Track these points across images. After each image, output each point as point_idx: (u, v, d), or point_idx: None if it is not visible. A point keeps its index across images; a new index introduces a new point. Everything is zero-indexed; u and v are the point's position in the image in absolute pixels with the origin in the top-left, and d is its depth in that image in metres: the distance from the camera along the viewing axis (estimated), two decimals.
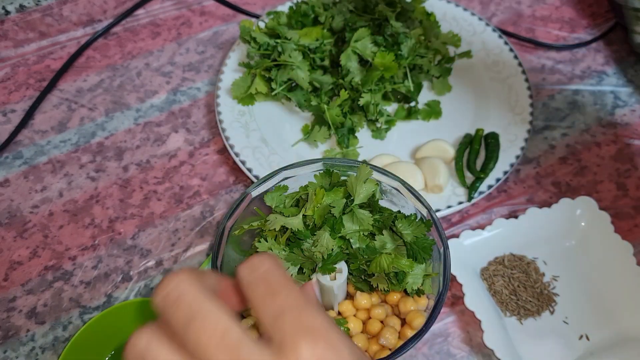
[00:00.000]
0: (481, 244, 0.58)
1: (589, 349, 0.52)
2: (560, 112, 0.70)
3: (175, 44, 0.78)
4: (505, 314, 0.55)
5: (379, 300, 0.48)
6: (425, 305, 0.47)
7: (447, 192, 0.61)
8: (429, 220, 0.46)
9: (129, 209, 0.63)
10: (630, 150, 0.67)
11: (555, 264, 0.58)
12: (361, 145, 0.65)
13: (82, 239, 0.61)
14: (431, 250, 0.45)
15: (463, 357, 0.53)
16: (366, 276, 0.47)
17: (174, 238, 0.61)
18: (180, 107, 0.72)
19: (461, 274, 0.54)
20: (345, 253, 0.46)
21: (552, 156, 0.67)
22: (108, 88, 0.74)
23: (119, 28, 0.80)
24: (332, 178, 0.49)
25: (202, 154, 0.67)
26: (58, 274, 0.59)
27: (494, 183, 0.61)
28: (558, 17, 0.81)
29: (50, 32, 0.79)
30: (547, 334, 0.53)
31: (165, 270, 0.59)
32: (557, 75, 0.74)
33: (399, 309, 0.48)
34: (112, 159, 0.67)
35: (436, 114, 0.68)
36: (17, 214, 0.63)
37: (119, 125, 0.70)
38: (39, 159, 0.67)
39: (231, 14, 0.81)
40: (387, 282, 0.45)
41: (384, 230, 0.46)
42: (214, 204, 0.63)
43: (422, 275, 0.46)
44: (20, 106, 0.72)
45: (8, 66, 0.76)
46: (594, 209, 0.58)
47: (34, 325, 0.56)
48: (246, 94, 0.67)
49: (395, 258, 0.44)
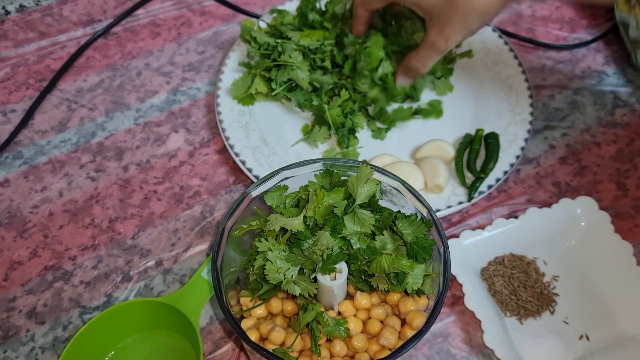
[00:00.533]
0: (481, 244, 0.58)
1: (589, 349, 0.52)
2: (560, 112, 0.70)
3: (175, 44, 0.78)
4: (505, 314, 0.55)
5: (379, 301, 0.48)
6: (425, 305, 0.47)
7: (447, 192, 0.61)
8: (429, 220, 0.46)
9: (129, 209, 0.63)
10: (630, 150, 0.67)
11: (556, 264, 0.58)
12: (361, 146, 0.65)
13: (82, 239, 0.61)
14: (431, 250, 0.45)
15: (463, 357, 0.53)
16: (366, 276, 0.47)
17: (174, 238, 0.61)
18: (180, 107, 0.72)
19: (461, 274, 0.54)
20: (345, 254, 0.45)
21: (552, 156, 0.67)
22: (108, 88, 0.74)
23: (119, 28, 0.80)
24: (333, 178, 0.49)
25: (202, 154, 0.67)
26: (58, 274, 0.59)
27: (494, 183, 0.61)
28: (558, 17, 0.81)
29: (50, 32, 0.79)
30: (547, 334, 0.53)
31: (165, 271, 0.59)
32: (557, 75, 0.74)
33: (399, 309, 0.48)
34: (112, 159, 0.67)
35: (437, 113, 0.68)
36: (17, 214, 0.63)
37: (119, 125, 0.70)
38: (39, 159, 0.67)
39: (231, 14, 0.81)
40: (387, 282, 0.45)
41: (384, 231, 0.46)
42: (214, 204, 0.63)
43: (422, 276, 0.46)
44: (20, 106, 0.72)
45: (8, 66, 0.76)
46: (594, 209, 0.58)
47: (34, 325, 0.56)
48: (246, 94, 0.67)
49: (396, 258, 0.44)
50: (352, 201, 0.47)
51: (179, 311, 0.52)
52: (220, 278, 0.44)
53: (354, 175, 0.47)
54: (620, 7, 0.59)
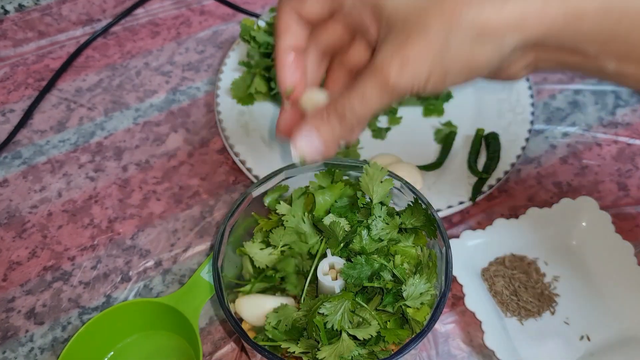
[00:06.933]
0: (482, 244, 0.57)
1: (590, 349, 0.52)
2: (561, 112, 0.70)
3: (174, 43, 0.78)
4: (505, 314, 0.55)
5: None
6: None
7: (448, 192, 0.60)
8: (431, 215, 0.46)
9: (128, 209, 0.63)
10: (631, 150, 0.67)
11: (556, 264, 0.57)
12: (361, 146, 0.65)
13: (81, 239, 0.61)
14: (435, 228, 0.45)
15: (464, 358, 0.53)
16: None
17: (173, 238, 0.61)
18: (180, 106, 0.71)
19: (462, 274, 0.54)
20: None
21: (553, 156, 0.66)
22: (107, 88, 0.73)
23: (118, 27, 0.80)
24: (335, 178, 0.49)
25: (202, 154, 0.67)
26: (57, 274, 0.59)
27: (494, 183, 0.61)
28: None
29: (49, 32, 0.79)
30: (548, 335, 0.53)
31: (165, 271, 0.58)
32: (558, 74, 0.74)
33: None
34: (111, 159, 0.67)
35: (438, 112, 0.68)
36: (16, 214, 0.63)
37: (118, 125, 0.70)
38: (37, 158, 0.67)
39: (231, 13, 0.81)
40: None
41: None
42: (213, 204, 0.63)
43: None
44: (19, 106, 0.72)
45: (7, 66, 0.76)
46: (594, 209, 0.58)
47: (33, 326, 0.55)
48: (246, 94, 0.67)
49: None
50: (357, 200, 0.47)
51: (178, 311, 0.52)
52: (221, 278, 0.44)
53: (365, 175, 0.46)
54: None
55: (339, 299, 0.42)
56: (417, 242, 0.47)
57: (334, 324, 0.41)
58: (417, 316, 0.43)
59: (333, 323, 0.41)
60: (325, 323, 0.41)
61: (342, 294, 0.42)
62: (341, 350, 0.40)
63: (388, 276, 0.44)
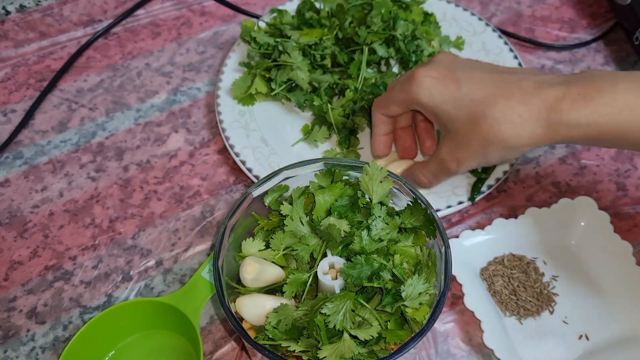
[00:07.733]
0: (481, 244, 0.58)
1: (589, 348, 0.53)
2: None
3: (175, 44, 0.78)
4: (504, 313, 0.55)
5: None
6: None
7: (447, 192, 0.61)
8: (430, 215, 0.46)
9: (129, 208, 0.63)
10: (629, 150, 0.67)
11: (555, 264, 0.58)
12: (362, 147, 0.65)
13: (82, 239, 0.61)
14: (434, 228, 0.45)
15: (463, 357, 0.53)
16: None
17: (174, 238, 0.61)
18: (181, 107, 0.72)
19: (461, 274, 0.54)
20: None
21: (551, 156, 0.67)
22: (108, 88, 0.74)
23: (119, 28, 0.80)
24: (335, 177, 0.49)
25: (202, 154, 0.67)
26: (58, 273, 0.59)
27: (493, 183, 0.61)
28: (558, 17, 0.81)
29: (50, 32, 0.79)
30: (547, 334, 0.54)
31: (166, 270, 0.59)
32: None
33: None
34: (112, 159, 0.67)
35: None
36: (18, 214, 0.63)
37: (119, 125, 0.70)
38: (39, 159, 0.67)
39: (231, 14, 0.81)
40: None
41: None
42: (214, 204, 0.63)
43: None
44: (21, 106, 0.72)
45: (8, 66, 0.76)
46: (593, 209, 0.58)
47: (34, 325, 0.56)
48: (246, 94, 0.67)
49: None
50: (357, 200, 0.47)
51: (179, 311, 0.52)
52: (222, 277, 0.44)
53: (365, 175, 0.47)
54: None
55: (341, 299, 0.42)
56: (416, 241, 0.47)
57: (336, 324, 0.41)
58: (416, 316, 0.43)
59: (335, 323, 0.41)
60: (326, 323, 0.41)
61: (344, 294, 0.42)
62: (342, 350, 0.41)
63: (387, 276, 0.44)
